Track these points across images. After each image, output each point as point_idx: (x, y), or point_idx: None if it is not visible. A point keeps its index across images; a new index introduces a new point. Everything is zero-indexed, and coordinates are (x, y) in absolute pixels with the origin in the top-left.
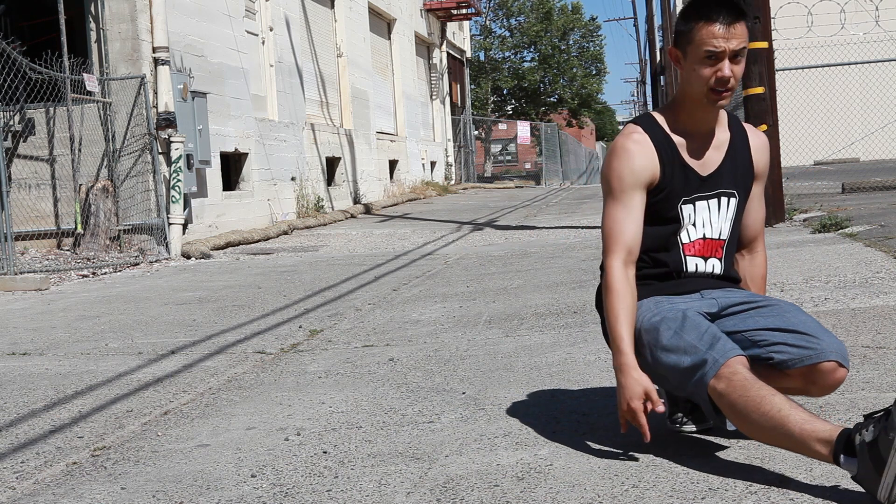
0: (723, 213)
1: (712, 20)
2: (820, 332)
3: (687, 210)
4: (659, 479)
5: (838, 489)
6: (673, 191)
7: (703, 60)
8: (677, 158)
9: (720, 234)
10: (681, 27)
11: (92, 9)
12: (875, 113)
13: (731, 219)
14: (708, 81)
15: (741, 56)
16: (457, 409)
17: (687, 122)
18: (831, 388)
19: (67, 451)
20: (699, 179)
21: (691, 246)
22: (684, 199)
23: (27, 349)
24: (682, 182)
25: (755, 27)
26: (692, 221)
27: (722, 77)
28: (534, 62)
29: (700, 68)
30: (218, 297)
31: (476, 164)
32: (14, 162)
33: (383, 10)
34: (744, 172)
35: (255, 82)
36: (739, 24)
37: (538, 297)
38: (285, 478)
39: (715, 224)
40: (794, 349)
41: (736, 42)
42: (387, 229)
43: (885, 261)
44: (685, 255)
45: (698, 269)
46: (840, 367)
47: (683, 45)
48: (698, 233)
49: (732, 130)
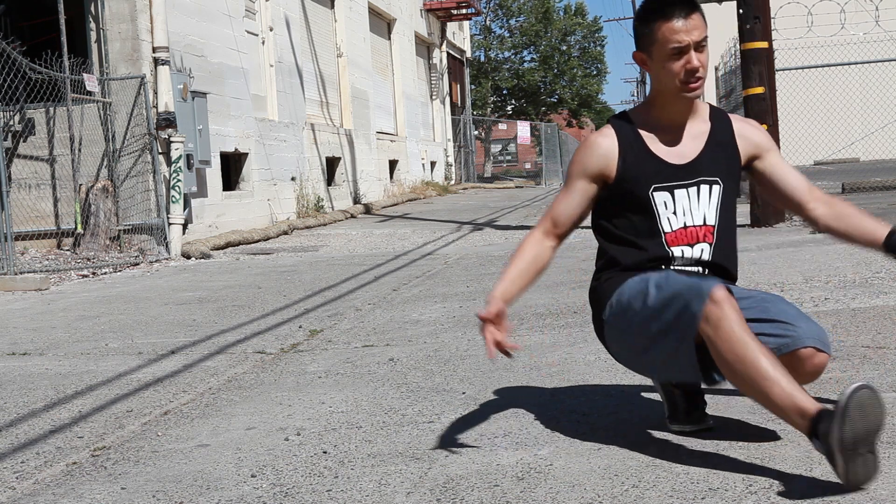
0: (704, 200)
1: (670, 17)
2: (798, 319)
3: (661, 197)
4: (659, 479)
5: (838, 489)
6: (640, 178)
7: (670, 57)
8: (642, 149)
9: (704, 220)
10: (641, 30)
11: (92, 9)
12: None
13: (717, 205)
14: (679, 75)
15: (704, 44)
16: (457, 409)
17: (661, 116)
18: (813, 374)
19: (67, 451)
20: (673, 168)
21: (673, 234)
22: (656, 186)
23: (27, 349)
24: (650, 170)
25: (755, 27)
26: (672, 210)
27: (691, 68)
28: (534, 62)
29: (669, 65)
30: (218, 297)
31: (476, 164)
32: (14, 162)
33: (383, 10)
34: (728, 159)
35: (255, 82)
36: (696, 15)
37: (538, 297)
38: (285, 478)
39: (696, 211)
40: (772, 339)
41: (697, 33)
42: (387, 229)
43: (885, 261)
44: (669, 246)
45: (685, 255)
46: (819, 353)
47: (647, 47)
48: (679, 221)
49: (714, 121)
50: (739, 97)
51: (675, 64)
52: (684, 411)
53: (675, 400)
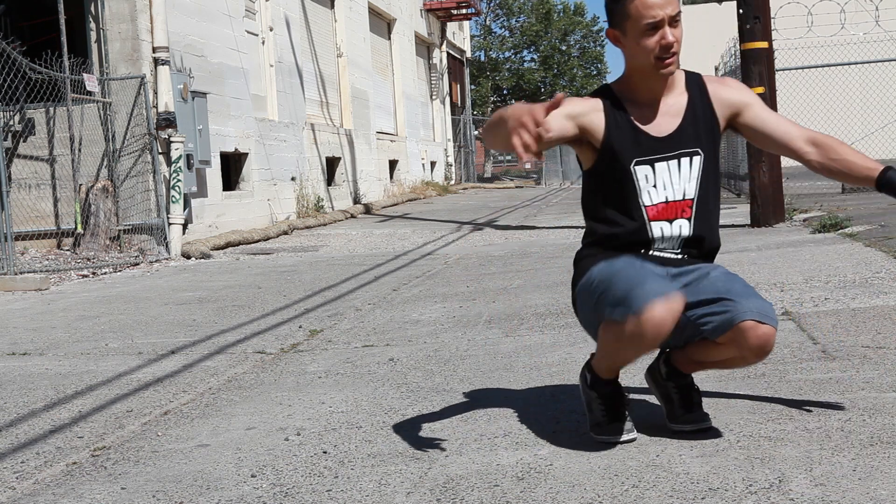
0: (685, 172)
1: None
2: (743, 295)
3: (643, 171)
4: (659, 479)
5: (838, 489)
6: (622, 150)
7: (644, 32)
8: (626, 120)
9: (684, 195)
10: (614, 6)
11: (92, 9)
12: (875, 113)
13: (697, 177)
14: (654, 51)
15: (678, 19)
16: (457, 409)
17: (637, 93)
18: (760, 347)
19: (67, 451)
20: (654, 141)
21: (654, 209)
22: (637, 160)
23: (27, 349)
24: (632, 142)
25: (755, 27)
26: (652, 183)
27: (666, 43)
28: (534, 62)
29: (643, 40)
30: (218, 297)
31: (476, 164)
32: (14, 162)
33: (383, 10)
34: (707, 127)
35: (255, 82)
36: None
37: (538, 297)
38: (285, 478)
39: (677, 185)
40: (716, 317)
41: (671, 8)
42: (387, 229)
43: (885, 261)
44: (649, 220)
45: (664, 233)
46: (760, 325)
47: (621, 23)
48: (660, 196)
49: (690, 90)
50: None
51: (649, 40)
52: (681, 410)
53: (672, 400)
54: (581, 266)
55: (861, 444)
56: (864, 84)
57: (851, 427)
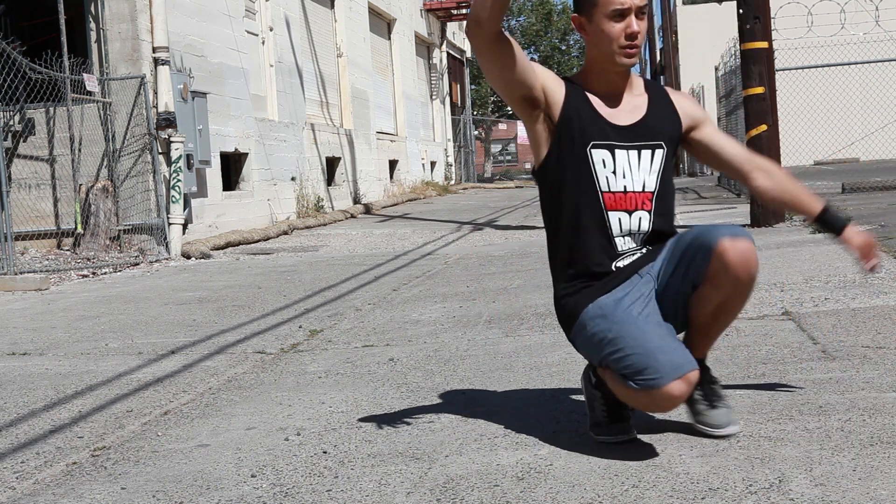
0: (645, 164)
1: None
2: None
3: (600, 155)
4: (659, 479)
5: (838, 489)
6: (580, 130)
7: (611, 19)
8: (587, 104)
9: (644, 187)
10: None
11: (92, 9)
12: (875, 113)
13: (658, 171)
14: (618, 39)
15: (644, 12)
16: (457, 409)
17: (600, 86)
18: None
19: (67, 451)
20: (615, 128)
21: (612, 198)
22: (595, 143)
23: (27, 349)
24: (592, 125)
25: (755, 27)
26: (611, 170)
27: (632, 32)
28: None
29: (608, 27)
30: (218, 297)
31: (476, 164)
32: (14, 162)
33: (383, 10)
34: (669, 124)
35: (255, 82)
36: None
37: (538, 297)
38: (285, 478)
39: (636, 176)
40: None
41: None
42: (387, 229)
43: (885, 261)
44: (607, 211)
45: (622, 226)
46: (736, 239)
47: (587, 9)
48: (619, 184)
49: (651, 92)
50: (739, 97)
51: (614, 27)
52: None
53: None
54: (565, 309)
55: (861, 444)
56: (864, 84)
57: (851, 427)
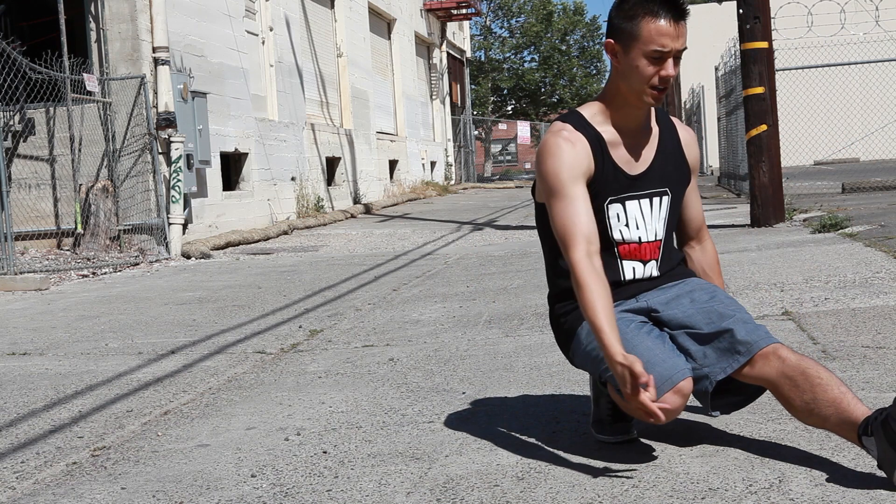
0: (655, 212)
1: (659, 16)
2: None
3: (614, 209)
4: (659, 479)
5: (838, 489)
6: (601, 188)
7: (648, 58)
8: (608, 159)
9: (655, 236)
10: (621, 22)
11: (92, 9)
12: (875, 113)
13: (665, 217)
14: (650, 80)
15: (681, 57)
16: (457, 409)
17: (618, 118)
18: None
19: (67, 451)
20: (628, 179)
21: (627, 249)
22: (611, 199)
23: (27, 349)
24: (610, 180)
25: (755, 27)
26: (624, 222)
27: (666, 76)
28: (534, 62)
29: (644, 66)
30: (218, 297)
31: (476, 164)
32: (14, 162)
33: (383, 10)
34: (676, 168)
35: (255, 82)
36: (684, 23)
37: (538, 297)
38: (285, 478)
39: (649, 225)
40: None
41: (682, 41)
42: (387, 229)
43: (885, 261)
44: (621, 259)
45: (636, 274)
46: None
47: (625, 40)
48: (633, 235)
49: (661, 125)
50: (739, 97)
51: (651, 67)
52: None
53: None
54: (563, 327)
55: None
56: (864, 84)
57: None
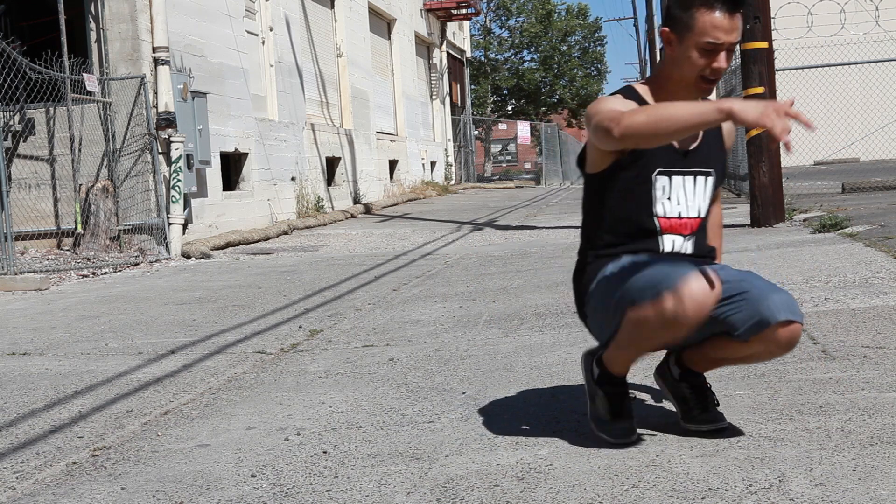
0: (699, 191)
1: (714, 8)
2: (767, 289)
3: (661, 182)
4: (659, 479)
5: (838, 489)
6: (648, 158)
7: (701, 49)
8: None
9: (698, 213)
10: (678, 12)
11: (92, 9)
12: (875, 113)
13: (709, 197)
14: (702, 70)
15: (734, 49)
16: (457, 409)
17: (667, 101)
18: (789, 343)
19: (67, 451)
20: (677, 153)
21: (668, 222)
22: (660, 170)
23: (27, 349)
24: (658, 151)
25: (755, 27)
26: (667, 195)
27: (718, 68)
28: (534, 62)
29: (696, 56)
30: (218, 297)
31: (476, 164)
32: (14, 162)
33: (383, 10)
34: (718, 153)
35: (255, 82)
36: (739, 17)
37: (538, 297)
38: (285, 478)
39: (692, 203)
40: (742, 314)
41: (735, 35)
42: (387, 229)
43: (885, 261)
44: (662, 232)
45: (675, 247)
46: (791, 324)
47: (680, 30)
48: (674, 210)
49: None
50: (739, 97)
51: (702, 59)
52: (698, 410)
53: (687, 400)
54: (589, 270)
55: (861, 444)
56: (864, 84)
57: (851, 427)
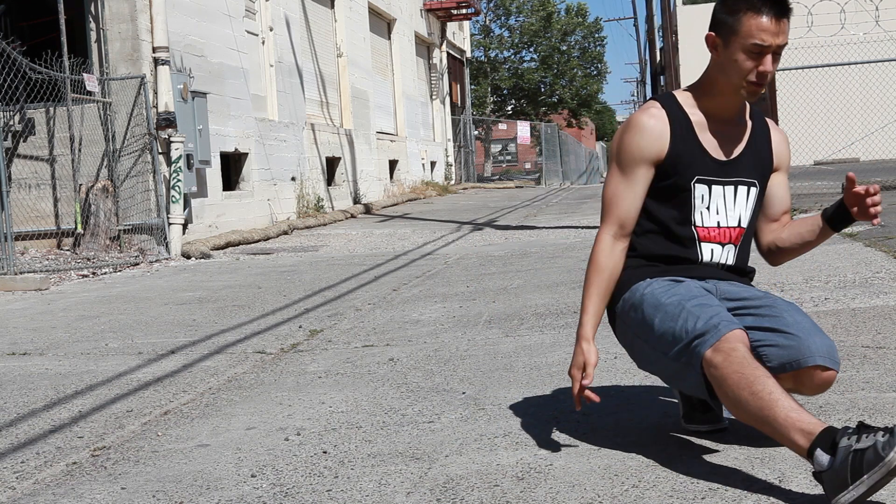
0: (740, 201)
1: (761, 13)
2: (810, 332)
3: (700, 190)
4: (659, 479)
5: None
6: (685, 166)
7: (747, 53)
8: (692, 136)
9: (739, 222)
10: (724, 15)
11: (92, 9)
12: (875, 113)
13: (752, 208)
14: (748, 74)
15: (781, 53)
16: (457, 409)
17: (711, 107)
18: (820, 388)
19: (67, 451)
20: (716, 163)
21: (706, 231)
22: (699, 178)
23: (27, 349)
24: (696, 160)
25: None
26: (706, 204)
27: (764, 72)
28: (533, 62)
29: (742, 60)
30: (218, 297)
31: (476, 164)
32: (14, 162)
33: (383, 10)
34: (764, 163)
35: (255, 82)
36: (786, 21)
37: (538, 297)
38: (285, 478)
39: (731, 212)
40: (780, 351)
41: (782, 38)
42: (387, 229)
43: (885, 261)
44: (700, 241)
45: (714, 256)
46: (827, 370)
47: (726, 34)
48: (712, 219)
49: (754, 121)
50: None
51: (749, 62)
52: (700, 410)
53: (691, 400)
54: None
55: None
56: (864, 84)
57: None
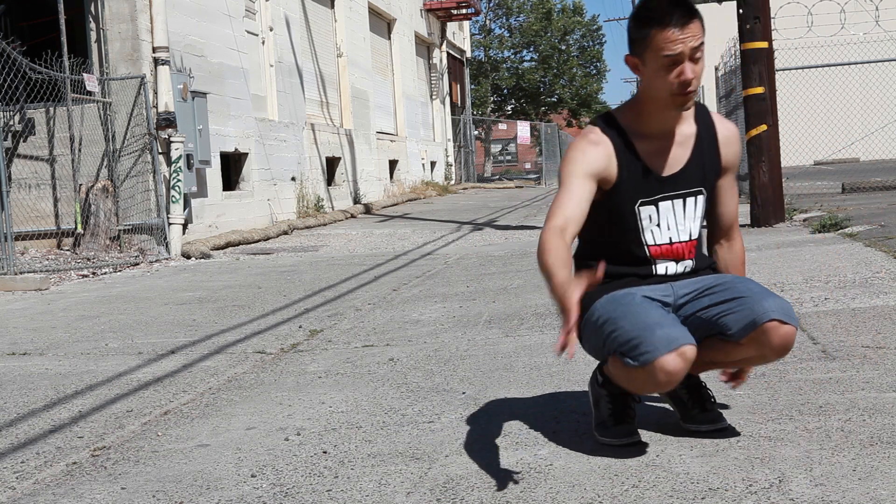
0: (689, 212)
1: (666, 24)
2: (762, 294)
3: (646, 211)
4: (659, 479)
5: (838, 489)
6: (630, 190)
7: (663, 66)
8: (635, 159)
9: (690, 236)
10: (635, 34)
11: (92, 9)
12: (875, 113)
13: (700, 216)
14: (672, 86)
15: (699, 53)
16: (457, 409)
17: (649, 123)
18: (783, 347)
19: (67, 451)
20: (660, 180)
21: (658, 249)
22: (643, 201)
23: (27, 349)
24: (640, 182)
25: (755, 27)
26: (655, 223)
27: (685, 80)
28: (533, 62)
29: (662, 74)
30: (218, 297)
31: (476, 164)
32: (14, 162)
33: (383, 10)
34: (710, 167)
35: (255, 82)
36: (693, 23)
37: (538, 297)
38: (285, 478)
39: (682, 226)
40: (736, 316)
41: (694, 41)
42: (387, 229)
43: (885, 261)
44: (654, 258)
45: (669, 271)
46: (784, 324)
47: (641, 53)
48: (664, 236)
49: (699, 123)
50: (739, 97)
51: (668, 74)
52: (696, 410)
53: (683, 401)
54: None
55: (861, 444)
56: (864, 84)
57: (851, 427)
